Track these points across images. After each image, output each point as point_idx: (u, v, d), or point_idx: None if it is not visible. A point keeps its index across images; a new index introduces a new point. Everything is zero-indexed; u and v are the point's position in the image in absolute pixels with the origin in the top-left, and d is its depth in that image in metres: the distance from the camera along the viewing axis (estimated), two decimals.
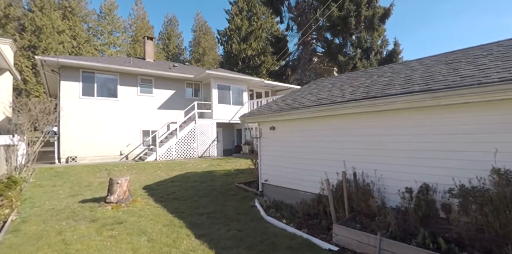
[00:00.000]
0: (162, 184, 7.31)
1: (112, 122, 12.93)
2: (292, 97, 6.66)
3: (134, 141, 13.56)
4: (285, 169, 5.85)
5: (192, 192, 6.49)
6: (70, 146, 11.80)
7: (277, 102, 6.70)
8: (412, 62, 6.21)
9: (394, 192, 3.97)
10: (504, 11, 46.39)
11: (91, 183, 7.49)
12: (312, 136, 5.19)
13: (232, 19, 29.65)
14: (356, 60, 18.12)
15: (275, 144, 6.11)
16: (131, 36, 47.72)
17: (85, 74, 12.33)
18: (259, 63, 28.64)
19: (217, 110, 14.85)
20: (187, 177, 8.33)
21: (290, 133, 5.71)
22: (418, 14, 54.34)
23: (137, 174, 8.77)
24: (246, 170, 9.55)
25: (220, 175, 8.69)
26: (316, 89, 6.68)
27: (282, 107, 5.70)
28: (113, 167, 10.28)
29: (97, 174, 8.87)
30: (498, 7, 46.89)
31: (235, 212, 4.99)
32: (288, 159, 5.76)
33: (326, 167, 4.84)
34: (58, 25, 36.10)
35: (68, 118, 11.82)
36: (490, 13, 49.11)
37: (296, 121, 5.51)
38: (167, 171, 9.42)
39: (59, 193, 6.42)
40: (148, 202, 5.56)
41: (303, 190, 5.44)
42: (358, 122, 4.42)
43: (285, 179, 5.84)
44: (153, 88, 14.27)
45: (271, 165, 6.23)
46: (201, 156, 14.05)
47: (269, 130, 6.22)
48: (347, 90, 5.26)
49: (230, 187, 7.17)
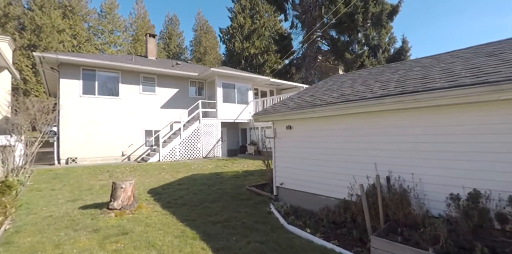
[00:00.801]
0: (168, 187, 6.84)
1: (114, 122, 12.47)
2: (309, 94, 6.18)
3: (137, 142, 13.09)
4: (303, 172, 5.37)
5: (201, 197, 6.01)
6: (70, 147, 11.33)
7: (292, 99, 6.22)
8: (441, 55, 5.74)
9: (436, 199, 3.50)
10: (504, 11, 45.88)
11: (92, 186, 7.01)
12: (337, 136, 4.71)
13: (235, 17, 29.16)
14: (363, 58, 17.64)
15: (292, 145, 5.64)
16: (131, 35, 47.33)
17: (85, 71, 11.86)
18: (262, 62, 28.16)
19: (222, 109, 14.38)
20: (194, 179, 7.85)
21: (310, 132, 5.23)
22: (418, 13, 53.84)
23: (140, 176, 8.30)
24: (255, 172, 9.08)
25: (229, 177, 8.21)
26: (334, 85, 6.20)
27: (301, 105, 5.22)
28: (115, 168, 9.81)
29: (99, 176, 8.40)
30: (497, 6, 46.39)
31: (252, 220, 4.51)
32: (308, 161, 5.28)
33: (354, 170, 4.36)
34: (58, 24, 35.67)
35: (68, 118, 11.35)
36: (491, 12, 48.60)
37: (317, 119, 5.03)
38: (172, 173, 8.94)
39: (58, 197, 5.95)
40: (155, 208, 5.08)
41: (324, 195, 4.96)
42: (392, 120, 3.94)
43: (304, 182, 5.37)
44: (155, 87, 13.79)
45: (287, 168, 5.75)
46: (206, 156, 13.58)
47: (285, 129, 5.74)
48: (374, 85, 4.77)
49: (241, 190, 6.69)
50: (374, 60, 17.85)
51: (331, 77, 7.91)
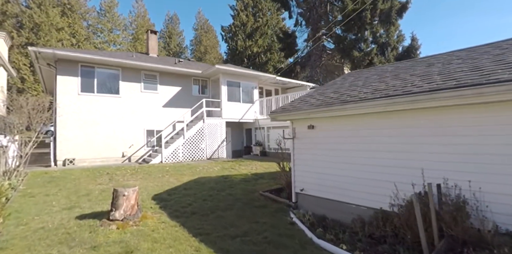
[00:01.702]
0: (174, 192, 6.23)
1: (114, 121, 11.85)
2: (331, 90, 5.60)
3: (138, 142, 12.48)
4: (329, 177, 4.78)
5: (212, 204, 5.41)
6: (68, 147, 10.72)
7: (312, 96, 5.63)
8: (480, 47, 5.16)
9: (504, 212, 2.92)
10: (504, 11, 45.44)
11: (91, 191, 6.41)
12: (373, 137, 4.12)
13: (237, 15, 28.59)
14: (372, 56, 17.08)
15: (315, 147, 5.05)
16: (131, 34, 46.70)
17: (84, 68, 11.24)
18: (265, 61, 27.59)
19: (227, 109, 13.78)
20: (201, 183, 7.25)
21: (337, 132, 4.65)
22: (424, 10, 53.35)
23: (143, 180, 7.69)
24: (265, 175, 8.49)
25: (238, 181, 7.62)
26: (359, 81, 5.62)
27: (326, 101, 4.63)
28: (115, 170, 9.20)
29: (98, 179, 7.79)
30: (497, 6, 45.90)
31: (274, 233, 3.91)
32: (334, 164, 4.69)
33: (395, 176, 3.77)
34: (57, 22, 35.06)
35: (66, 117, 10.73)
36: (494, 11, 48.17)
37: (346, 118, 4.45)
38: (177, 176, 8.34)
39: (53, 204, 5.34)
40: (162, 218, 4.48)
41: (355, 204, 4.37)
42: (445, 119, 3.35)
43: (329, 188, 4.78)
44: (157, 85, 13.18)
45: (309, 172, 5.16)
46: (210, 158, 12.98)
47: (306, 129, 5.16)
48: (412, 79, 4.19)
49: (254, 196, 6.10)
50: (382, 58, 17.28)
51: (349, 73, 7.33)
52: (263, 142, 14.50)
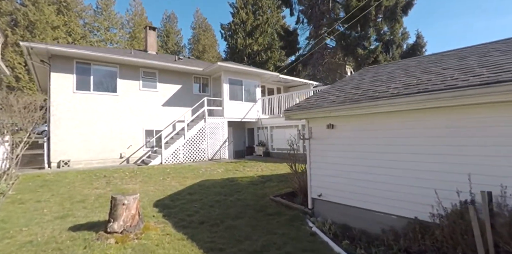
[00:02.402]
0: (177, 198, 5.73)
1: (111, 121, 11.31)
2: (350, 86, 5.12)
3: (136, 142, 11.95)
4: (351, 182, 4.31)
5: (220, 211, 4.92)
6: (62, 148, 10.16)
7: (330, 92, 5.15)
8: None
9: None
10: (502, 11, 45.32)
11: (87, 196, 5.89)
12: (406, 138, 3.64)
13: (237, 13, 28.07)
14: (377, 54, 16.64)
15: (335, 148, 4.57)
16: (128, 32, 46.01)
17: (79, 65, 10.69)
18: (266, 59, 27.10)
19: (229, 108, 13.28)
20: (206, 187, 6.76)
21: (362, 133, 4.17)
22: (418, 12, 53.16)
23: (142, 184, 7.18)
24: (273, 177, 8.01)
25: (245, 184, 7.13)
26: (381, 76, 5.15)
27: (350, 98, 4.15)
28: (112, 173, 8.68)
29: (94, 183, 7.27)
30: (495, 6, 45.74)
31: (297, 247, 3.44)
32: (358, 168, 4.22)
33: (434, 182, 3.30)
34: (52, 20, 34.36)
35: (60, 116, 10.18)
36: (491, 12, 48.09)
37: (373, 116, 3.97)
38: (179, 178, 7.83)
39: (44, 212, 4.82)
40: (166, 229, 3.98)
41: (383, 212, 3.91)
42: (502, 117, 2.89)
43: (352, 195, 4.30)
44: (157, 82, 12.65)
45: (328, 176, 4.68)
46: (212, 158, 12.48)
47: (325, 129, 4.68)
48: (448, 73, 3.72)
49: (265, 201, 5.61)
50: (388, 56, 16.87)
51: (365, 69, 6.86)
52: (266, 142, 14.03)
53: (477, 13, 50.20)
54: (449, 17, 51.71)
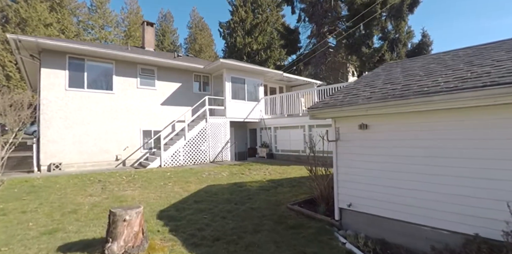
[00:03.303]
0: (184, 207, 5.07)
1: (106, 120, 10.58)
2: (382, 81, 4.55)
3: (133, 144, 11.23)
4: (390, 190, 3.72)
5: (235, 223, 4.28)
6: (53, 150, 9.41)
7: (359, 88, 4.56)
8: None
9: None
10: None
11: (80, 205, 5.20)
12: (465, 141, 3.05)
13: (236, 11, 27.45)
14: (382, 52, 16.17)
15: (370, 151, 3.97)
16: (123, 31, 45.03)
17: (72, 60, 9.95)
18: (266, 58, 26.51)
19: (231, 107, 12.64)
20: (213, 193, 6.11)
21: (405, 134, 3.58)
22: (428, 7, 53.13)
23: (142, 190, 6.50)
24: (284, 182, 7.40)
25: (255, 190, 6.50)
26: (413, 70, 4.59)
27: (392, 94, 3.56)
28: (108, 177, 7.97)
29: (88, 188, 6.56)
30: None
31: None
32: (398, 174, 3.63)
33: (505, 193, 2.73)
34: (45, 18, 33.33)
35: (51, 115, 9.43)
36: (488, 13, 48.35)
37: (421, 115, 3.39)
38: (181, 183, 7.17)
39: (29, 227, 4.13)
40: (176, 249, 3.33)
41: (431, 226, 3.34)
42: None
43: (391, 205, 3.71)
44: (155, 80, 11.96)
45: (360, 183, 4.08)
46: (213, 161, 11.82)
47: (356, 129, 4.08)
48: (505, 65, 3.17)
49: (282, 210, 4.99)
50: (394, 54, 16.41)
51: (388, 64, 6.31)
52: (270, 143, 13.42)
53: (483, 12, 50.27)
54: (455, 18, 51.76)
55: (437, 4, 50.49)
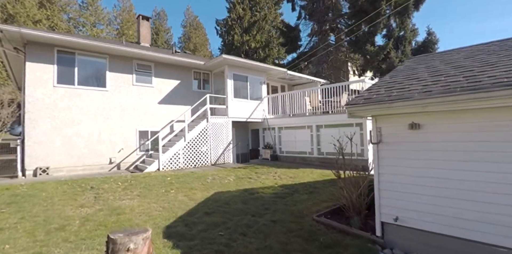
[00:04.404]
0: (193, 221, 4.32)
1: (99, 120, 9.72)
2: (427, 74, 3.90)
3: (129, 145, 10.39)
4: (452, 203, 3.06)
5: (258, 243, 3.56)
6: (40, 153, 8.52)
7: (400, 82, 3.90)
8: None
9: None
10: None
11: (69, 219, 4.40)
12: None
13: (233, 8, 26.72)
14: (387, 50, 15.67)
15: (422, 155, 3.31)
16: (116, 29, 43.87)
17: (61, 54, 9.07)
18: (264, 56, 25.85)
19: (233, 106, 11.91)
20: (223, 202, 5.37)
21: (473, 135, 2.93)
22: None
23: (142, 198, 5.71)
24: (298, 187, 6.71)
25: (270, 198, 5.79)
26: (459, 62, 3.97)
27: (462, 86, 2.90)
28: (101, 183, 7.14)
29: (79, 197, 5.75)
30: None
31: None
32: (459, 184, 2.98)
33: None
34: (34, 14, 32.04)
35: (37, 114, 8.54)
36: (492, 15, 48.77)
37: (489, 112, 2.75)
38: (185, 190, 6.41)
39: (5, 250, 3.33)
40: None
41: (509, 247, 2.67)
42: None
43: (452, 220, 3.06)
44: (152, 77, 11.13)
45: (410, 193, 3.42)
46: (215, 163, 11.06)
47: (405, 129, 3.42)
48: None
49: (309, 224, 4.29)
50: (400, 53, 15.93)
51: (419, 58, 5.68)
52: (274, 144, 12.72)
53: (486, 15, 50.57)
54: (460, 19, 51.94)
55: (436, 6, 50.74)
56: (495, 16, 49.95)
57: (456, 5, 48.52)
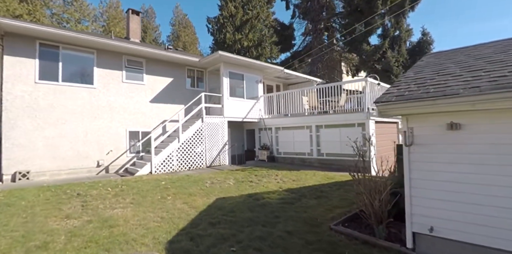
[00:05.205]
0: (198, 234, 3.81)
1: (86, 120, 9.03)
2: (459, 69, 3.56)
3: (118, 147, 9.71)
4: (498, 212, 2.71)
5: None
6: (20, 156, 7.77)
7: (431, 78, 3.54)
8: None
9: None
10: None
11: (53, 234, 3.80)
12: None
13: (225, 6, 26.13)
14: (383, 50, 15.55)
15: (463, 159, 2.94)
16: (102, 26, 42.40)
17: (44, 48, 8.34)
18: (257, 56, 25.37)
19: (229, 105, 11.41)
20: (228, 211, 4.87)
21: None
22: None
23: (136, 207, 5.14)
24: (305, 192, 6.29)
25: (277, 204, 5.34)
26: (490, 57, 3.65)
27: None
28: (89, 188, 6.50)
29: (64, 206, 5.12)
30: None
31: None
32: (509, 191, 2.63)
33: None
34: (14, 9, 30.38)
35: (16, 113, 7.79)
36: None
37: None
38: (183, 196, 5.87)
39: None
40: None
41: None
42: None
43: (498, 232, 2.70)
44: (143, 74, 10.49)
45: (446, 201, 3.05)
46: (210, 165, 10.53)
47: (442, 130, 3.04)
48: None
49: (327, 234, 3.87)
50: (396, 52, 15.84)
51: (434, 54, 5.37)
52: (271, 145, 12.30)
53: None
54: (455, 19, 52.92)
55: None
56: (494, 17, 51.25)
57: (452, 6, 49.56)
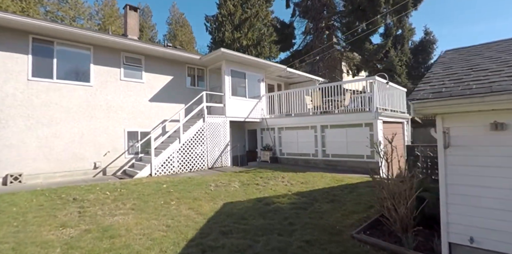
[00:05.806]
0: (210, 245, 3.44)
1: (82, 119, 8.60)
2: (495, 64, 3.27)
3: (116, 148, 9.29)
4: None
5: None
6: (11, 157, 7.33)
7: (466, 74, 3.24)
8: None
9: None
10: None
11: (47, 247, 3.41)
12: None
13: (224, 4, 25.77)
14: (387, 49, 15.33)
15: (508, 163, 2.64)
16: (97, 24, 41.67)
17: (38, 43, 7.90)
18: (256, 55, 25.05)
19: (231, 105, 11.06)
20: (239, 217, 4.52)
21: None
22: None
23: (137, 213, 4.76)
24: (316, 195, 5.97)
25: (290, 209, 5.00)
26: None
27: None
28: (85, 192, 6.10)
29: (59, 213, 4.72)
30: None
31: None
32: None
33: None
34: (7, 6, 29.64)
35: (8, 112, 7.34)
36: None
37: None
38: (188, 201, 5.51)
39: None
40: None
41: None
42: None
43: None
44: (142, 72, 10.08)
45: (488, 209, 2.74)
46: (212, 167, 10.16)
47: (485, 130, 2.74)
48: None
49: (350, 244, 3.55)
50: (399, 52, 15.63)
51: (455, 50, 5.08)
52: (274, 146, 11.97)
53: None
54: None
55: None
56: (494, 17, 51.53)
57: (453, 7, 49.75)
